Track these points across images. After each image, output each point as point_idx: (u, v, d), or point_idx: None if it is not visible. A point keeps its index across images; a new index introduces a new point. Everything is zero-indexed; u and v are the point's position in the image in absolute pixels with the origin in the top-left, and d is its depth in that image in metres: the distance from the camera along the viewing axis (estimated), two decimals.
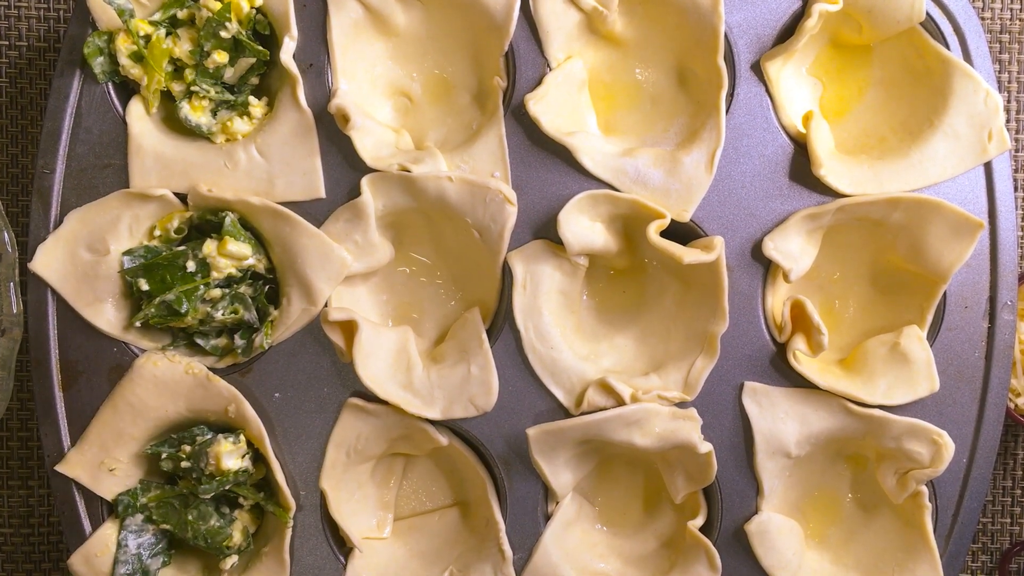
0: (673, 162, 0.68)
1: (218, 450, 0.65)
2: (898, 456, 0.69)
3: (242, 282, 0.67)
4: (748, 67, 0.69)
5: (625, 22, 0.70)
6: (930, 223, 0.68)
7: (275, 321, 0.67)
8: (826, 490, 0.73)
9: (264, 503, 0.68)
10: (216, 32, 0.65)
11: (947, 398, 0.69)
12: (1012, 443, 0.80)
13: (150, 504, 0.68)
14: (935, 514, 0.70)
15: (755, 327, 0.69)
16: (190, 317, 0.66)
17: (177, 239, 0.68)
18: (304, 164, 0.67)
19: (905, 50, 0.71)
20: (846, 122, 0.72)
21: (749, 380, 0.69)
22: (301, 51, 0.67)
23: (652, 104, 0.71)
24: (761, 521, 0.69)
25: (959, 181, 0.69)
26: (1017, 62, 0.79)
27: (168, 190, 0.67)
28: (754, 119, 0.69)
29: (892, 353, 0.69)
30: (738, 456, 0.69)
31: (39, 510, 0.77)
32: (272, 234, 0.67)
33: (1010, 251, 0.69)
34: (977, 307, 0.70)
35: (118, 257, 0.67)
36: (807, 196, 0.69)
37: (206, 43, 0.65)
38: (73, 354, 0.67)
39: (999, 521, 0.80)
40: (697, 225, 0.69)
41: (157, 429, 0.68)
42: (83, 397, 0.67)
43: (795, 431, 0.69)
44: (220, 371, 0.68)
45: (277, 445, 0.68)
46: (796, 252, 0.68)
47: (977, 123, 0.69)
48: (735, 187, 0.69)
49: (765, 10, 0.69)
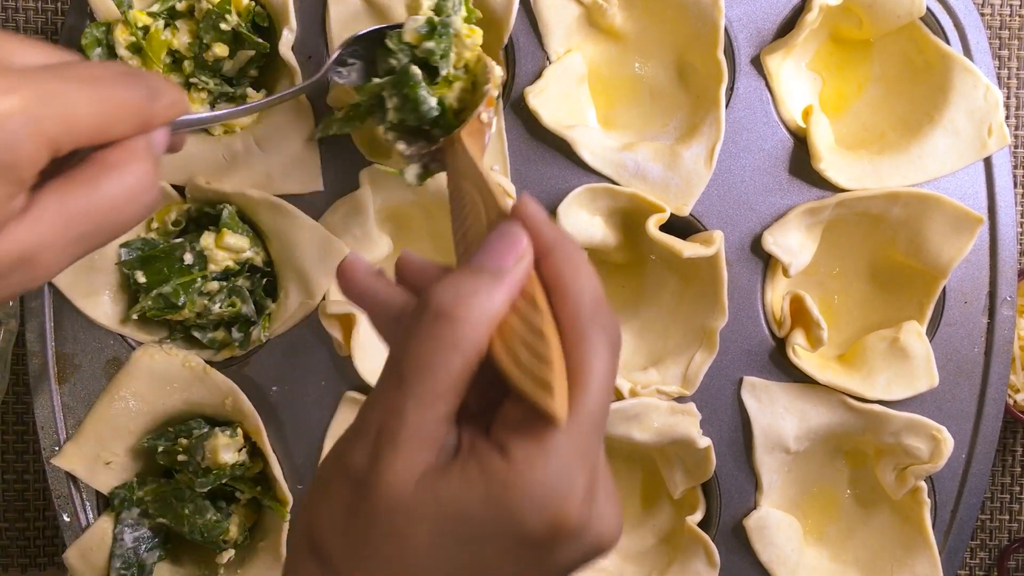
0: (673, 156, 0.68)
1: (215, 443, 0.65)
2: (897, 451, 0.69)
3: (240, 275, 0.67)
4: (748, 61, 0.69)
5: (625, 16, 0.69)
6: (930, 218, 0.68)
7: (273, 314, 0.67)
8: (825, 486, 0.73)
9: (261, 497, 0.68)
10: (216, 24, 0.64)
11: (946, 394, 0.69)
12: (1011, 440, 0.80)
13: (146, 498, 0.67)
14: (934, 510, 0.70)
15: (754, 322, 0.69)
16: (187, 310, 0.65)
17: (175, 231, 0.67)
18: (302, 157, 0.67)
19: (905, 45, 0.71)
20: (846, 117, 0.72)
21: (748, 375, 0.69)
22: (300, 43, 0.67)
23: (652, 98, 0.71)
24: (760, 516, 0.69)
25: (959, 176, 0.69)
26: (1017, 58, 0.79)
27: (166, 182, 0.66)
28: (754, 113, 0.69)
29: (891, 348, 0.68)
30: (737, 451, 0.69)
31: (35, 504, 0.76)
32: (270, 227, 0.67)
33: (1010, 247, 0.69)
34: (976, 303, 0.70)
35: (115, 249, 0.66)
36: (807, 191, 0.69)
37: (205, 35, 0.65)
38: (69, 347, 0.67)
39: (998, 518, 0.80)
40: (696, 219, 0.69)
41: (154, 422, 0.68)
42: (79, 390, 0.67)
43: (794, 426, 0.69)
44: (217, 364, 0.67)
45: (275, 439, 0.68)
46: (795, 247, 0.68)
47: (977, 118, 0.68)
48: (735, 181, 0.69)
49: (765, 4, 0.69)
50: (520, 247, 0.38)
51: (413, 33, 0.57)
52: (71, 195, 0.37)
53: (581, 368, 0.35)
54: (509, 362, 0.35)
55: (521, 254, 0.37)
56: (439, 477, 0.35)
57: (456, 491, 0.34)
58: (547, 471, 0.34)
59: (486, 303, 0.35)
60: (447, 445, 0.36)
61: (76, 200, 0.37)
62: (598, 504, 0.36)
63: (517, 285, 0.37)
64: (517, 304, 0.36)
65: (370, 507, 0.35)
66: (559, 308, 0.37)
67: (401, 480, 0.35)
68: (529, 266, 0.37)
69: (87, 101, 0.36)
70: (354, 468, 0.36)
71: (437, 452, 0.35)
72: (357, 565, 0.36)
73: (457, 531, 0.34)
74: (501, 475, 0.34)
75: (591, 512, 0.36)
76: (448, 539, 0.35)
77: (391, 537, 0.35)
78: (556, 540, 0.35)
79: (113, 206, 0.38)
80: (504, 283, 0.36)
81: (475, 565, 0.35)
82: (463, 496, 0.34)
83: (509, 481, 0.34)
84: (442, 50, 0.56)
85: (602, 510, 0.37)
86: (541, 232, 0.38)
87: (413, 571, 0.35)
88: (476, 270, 0.37)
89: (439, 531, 0.34)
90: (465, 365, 0.35)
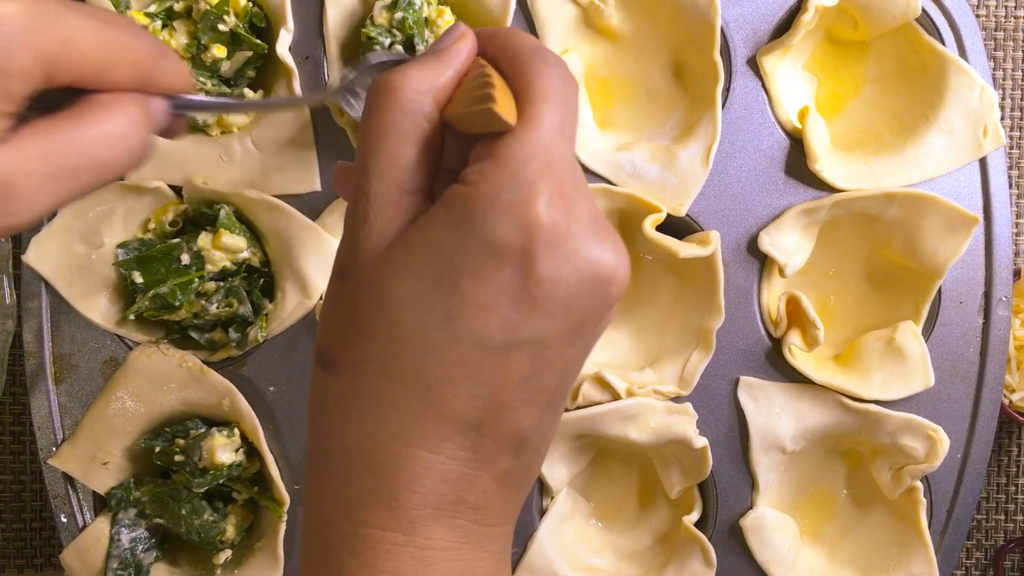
0: (669, 157, 0.68)
1: (212, 444, 0.65)
2: (893, 451, 0.69)
3: (237, 275, 0.67)
4: (744, 62, 0.69)
5: (622, 17, 0.70)
6: (925, 218, 0.68)
7: (270, 314, 0.67)
8: (821, 485, 0.73)
9: (258, 498, 0.68)
10: (214, 26, 0.64)
11: (942, 394, 0.70)
12: (1006, 440, 0.80)
13: (143, 498, 0.67)
14: (930, 510, 0.70)
15: (751, 322, 0.69)
16: (184, 310, 0.65)
17: (172, 232, 0.67)
18: (300, 157, 0.67)
19: (900, 46, 0.71)
20: (842, 117, 0.73)
21: (745, 375, 0.69)
22: (298, 43, 0.67)
23: (648, 99, 0.71)
24: (756, 516, 0.69)
25: (954, 176, 0.69)
26: (1012, 59, 0.79)
27: (163, 182, 0.66)
28: (750, 114, 0.69)
29: (887, 348, 0.69)
30: (733, 451, 0.69)
31: (31, 505, 0.76)
32: (267, 227, 0.67)
33: (1005, 247, 0.69)
34: (972, 302, 0.70)
35: (112, 249, 0.66)
36: (803, 191, 0.69)
37: (203, 36, 0.65)
38: (66, 347, 0.67)
39: (993, 518, 0.80)
40: (693, 220, 0.69)
41: (151, 423, 0.67)
42: (76, 391, 0.67)
43: (790, 426, 0.69)
44: (215, 364, 0.67)
45: (272, 439, 0.68)
46: (792, 247, 0.69)
47: (972, 119, 0.69)
48: (731, 182, 0.69)
49: (761, 5, 0.69)
50: (459, 31, 0.38)
51: (382, 13, 0.62)
52: (57, 127, 0.36)
53: (527, 84, 0.35)
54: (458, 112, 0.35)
55: (459, 35, 0.38)
56: (410, 231, 0.35)
57: (424, 231, 0.34)
58: (503, 174, 0.33)
59: (425, 72, 0.36)
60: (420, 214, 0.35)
61: (62, 132, 0.36)
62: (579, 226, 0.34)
63: (457, 59, 0.37)
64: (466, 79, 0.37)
65: (352, 287, 0.35)
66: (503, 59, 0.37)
67: (374, 248, 0.35)
68: (471, 45, 0.38)
69: (91, 32, 0.36)
70: (339, 263, 0.36)
71: (408, 221, 0.35)
72: (352, 352, 0.35)
73: (435, 270, 0.33)
74: (460, 195, 0.34)
75: (568, 220, 0.34)
76: (427, 282, 0.34)
77: (376, 306, 0.34)
78: (532, 245, 0.33)
79: (100, 143, 0.36)
80: (442, 57, 0.37)
81: (461, 301, 0.33)
82: (431, 232, 0.34)
83: (469, 197, 0.33)
84: (414, 16, 0.62)
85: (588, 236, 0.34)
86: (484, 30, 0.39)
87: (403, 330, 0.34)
88: (418, 57, 0.38)
89: (417, 275, 0.34)
90: (416, 129, 0.35)
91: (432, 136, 0.36)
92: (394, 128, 0.35)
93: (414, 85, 0.35)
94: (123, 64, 0.37)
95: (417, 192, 0.36)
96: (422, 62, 0.37)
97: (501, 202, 0.33)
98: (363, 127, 0.36)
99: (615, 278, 0.35)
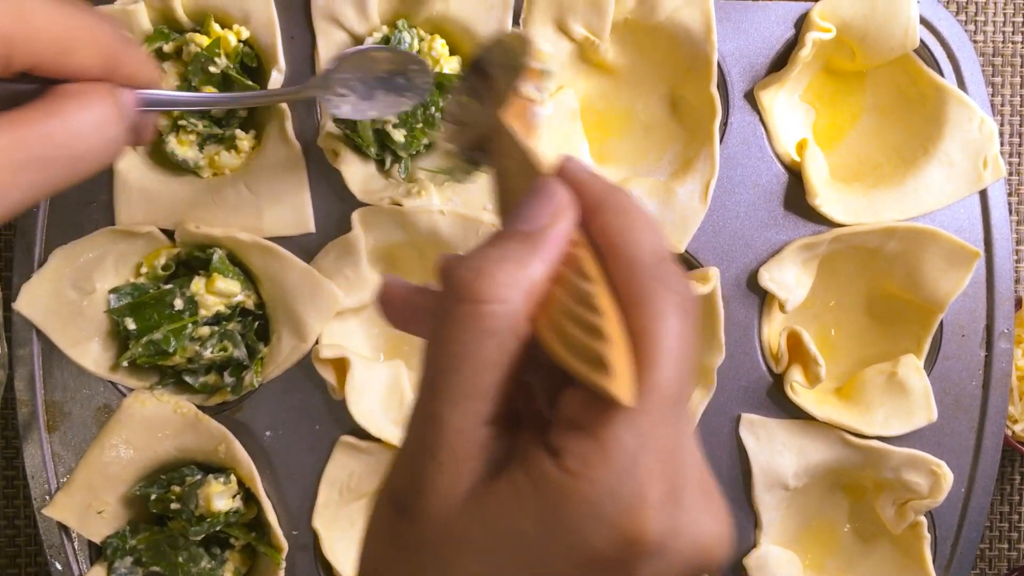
0: (667, 193, 0.67)
1: (208, 491, 0.64)
2: (896, 487, 0.68)
3: (231, 319, 0.66)
4: (742, 96, 0.68)
5: (617, 51, 0.69)
6: (926, 252, 0.67)
7: (265, 358, 0.66)
8: (824, 521, 0.72)
9: (256, 543, 0.67)
10: (205, 67, 0.63)
11: (945, 428, 0.69)
12: (1009, 468, 0.80)
13: (139, 546, 0.66)
14: (934, 544, 0.69)
15: (751, 358, 0.69)
16: (178, 356, 0.64)
17: (164, 276, 0.66)
18: (293, 198, 0.66)
19: (898, 76, 0.70)
20: (840, 149, 0.72)
21: (746, 412, 0.69)
22: (289, 83, 0.66)
23: (645, 133, 0.70)
24: (760, 555, 0.68)
25: (954, 209, 0.69)
26: (1010, 85, 0.78)
27: (155, 226, 0.65)
28: (748, 148, 0.68)
29: (889, 383, 0.68)
30: (736, 489, 0.69)
31: (26, 550, 0.75)
32: (261, 270, 0.66)
33: (1006, 279, 0.69)
34: (974, 336, 0.69)
35: (104, 295, 0.65)
36: (802, 226, 0.68)
37: (194, 78, 0.64)
38: (59, 394, 0.66)
39: (996, 547, 0.80)
40: (692, 256, 0.68)
41: (146, 470, 0.67)
42: (70, 439, 0.66)
43: (793, 463, 0.68)
44: (210, 409, 0.67)
45: (269, 484, 0.67)
46: (792, 282, 0.68)
47: (972, 151, 0.68)
48: (730, 217, 0.68)
49: (758, 39, 0.68)
50: (555, 202, 0.31)
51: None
52: (27, 117, 0.33)
53: (645, 337, 0.28)
54: (558, 343, 0.29)
55: (557, 210, 0.31)
56: (486, 492, 0.29)
57: (505, 507, 0.29)
58: (608, 472, 0.27)
59: (518, 273, 0.29)
60: (496, 454, 0.30)
61: (33, 123, 0.33)
62: (687, 508, 0.29)
63: (555, 247, 0.30)
64: (563, 274, 0.30)
65: (416, 535, 0.30)
66: (614, 271, 0.30)
67: (445, 499, 0.29)
68: (570, 225, 0.31)
69: (51, 10, 0.33)
70: (397, 492, 0.31)
71: (484, 462, 0.30)
72: None
73: (512, 556, 0.29)
74: (554, 483, 0.28)
75: (677, 519, 0.28)
76: (502, 567, 0.29)
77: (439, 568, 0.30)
78: (633, 559, 0.28)
79: (75, 133, 0.34)
80: (538, 246, 0.30)
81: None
82: (513, 513, 0.28)
83: (564, 489, 0.28)
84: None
85: (695, 515, 0.29)
86: (585, 185, 0.31)
87: None
88: (503, 237, 0.30)
89: (490, 558, 0.29)
90: (502, 353, 0.29)
91: (519, 352, 0.30)
92: (478, 355, 0.29)
93: (503, 294, 0.29)
94: (85, 45, 0.35)
95: (496, 421, 0.30)
96: (508, 251, 0.30)
97: (601, 507, 0.27)
98: (437, 339, 0.30)
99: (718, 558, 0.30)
